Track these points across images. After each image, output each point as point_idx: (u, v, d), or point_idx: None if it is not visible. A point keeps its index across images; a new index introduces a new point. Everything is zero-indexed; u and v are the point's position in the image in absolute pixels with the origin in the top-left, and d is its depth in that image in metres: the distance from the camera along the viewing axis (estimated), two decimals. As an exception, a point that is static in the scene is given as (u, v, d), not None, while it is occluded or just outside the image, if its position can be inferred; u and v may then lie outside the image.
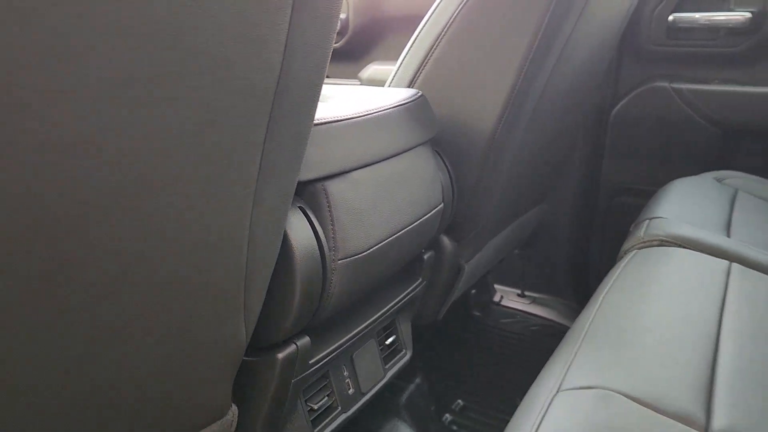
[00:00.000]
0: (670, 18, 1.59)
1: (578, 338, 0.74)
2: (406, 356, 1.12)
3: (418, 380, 1.33)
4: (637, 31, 1.62)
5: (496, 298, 1.85)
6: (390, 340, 1.08)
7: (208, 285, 0.57)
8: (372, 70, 2.14)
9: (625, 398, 0.61)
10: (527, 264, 1.84)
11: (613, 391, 0.62)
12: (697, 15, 1.58)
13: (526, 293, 1.86)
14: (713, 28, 1.56)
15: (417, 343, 1.17)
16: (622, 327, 0.75)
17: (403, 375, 1.27)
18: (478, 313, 1.76)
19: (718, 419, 0.59)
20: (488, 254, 1.33)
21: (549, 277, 1.83)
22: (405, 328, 1.13)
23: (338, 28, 0.88)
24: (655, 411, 0.59)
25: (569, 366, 0.69)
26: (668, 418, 0.59)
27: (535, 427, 0.59)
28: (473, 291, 1.75)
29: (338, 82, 2.18)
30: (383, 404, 1.24)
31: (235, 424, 0.75)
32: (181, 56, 0.43)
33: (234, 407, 0.74)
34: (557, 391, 0.64)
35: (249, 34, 0.47)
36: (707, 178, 1.38)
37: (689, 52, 1.61)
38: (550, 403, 0.62)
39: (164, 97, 0.43)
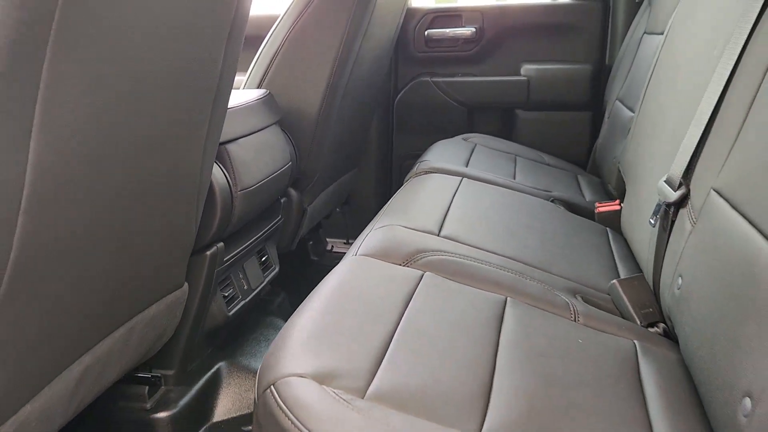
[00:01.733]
0: (427, 33, 2.30)
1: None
2: (275, 270, 1.65)
3: (282, 296, 1.87)
4: (406, 42, 2.32)
5: (328, 247, 2.43)
6: (264, 258, 1.61)
7: (179, 195, 1.06)
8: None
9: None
10: (348, 217, 2.44)
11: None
12: (446, 30, 2.31)
13: (350, 240, 2.46)
14: (454, 39, 2.30)
15: (281, 264, 1.70)
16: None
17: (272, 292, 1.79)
18: (315, 258, 2.32)
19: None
20: (322, 202, 1.90)
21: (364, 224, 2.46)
22: (272, 251, 1.67)
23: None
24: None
25: None
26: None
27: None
28: (311, 242, 2.30)
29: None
30: (263, 306, 1.75)
31: (186, 295, 1.23)
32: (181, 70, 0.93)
33: (186, 284, 1.23)
34: None
35: (208, 59, 0.98)
36: (457, 139, 2.09)
37: (442, 55, 2.34)
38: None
39: (174, 92, 0.93)
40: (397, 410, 0.66)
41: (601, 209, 1.52)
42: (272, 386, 0.67)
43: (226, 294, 1.41)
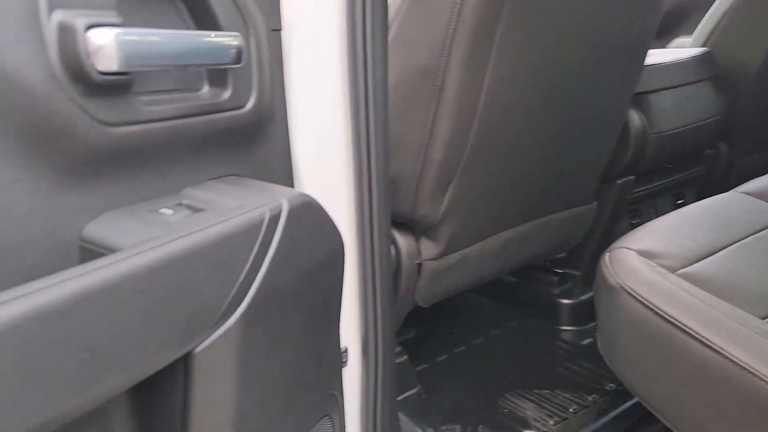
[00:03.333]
0: None
1: None
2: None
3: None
4: None
5: None
6: (679, 202, 1.80)
7: (594, 133, 1.39)
8: (677, 41, 2.76)
9: None
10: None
11: None
12: None
13: None
14: None
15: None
16: None
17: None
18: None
19: None
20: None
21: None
22: (690, 198, 1.84)
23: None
24: None
25: None
26: None
27: None
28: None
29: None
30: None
31: (593, 212, 1.56)
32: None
33: (595, 203, 1.56)
34: None
35: (633, 25, 1.26)
36: None
37: None
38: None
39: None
40: (700, 287, 0.89)
41: None
42: (607, 253, 0.98)
43: (634, 222, 1.69)
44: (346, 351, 1.02)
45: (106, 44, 0.45)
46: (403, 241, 1.20)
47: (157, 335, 0.44)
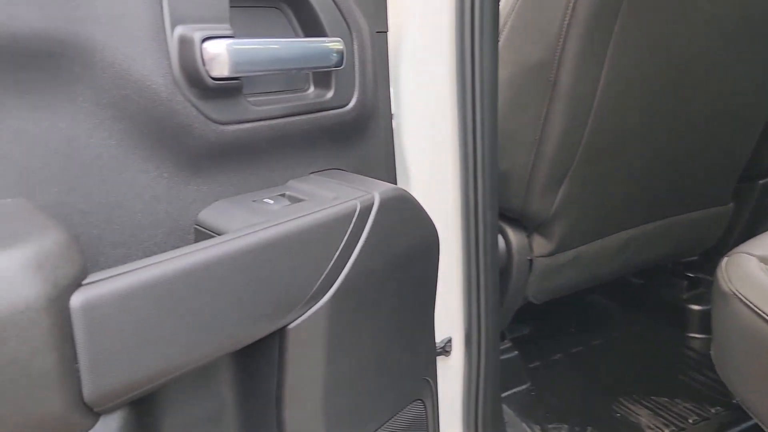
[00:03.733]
0: None
1: None
2: None
3: None
4: None
5: None
6: None
7: (732, 128, 1.29)
8: None
9: None
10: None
11: None
12: None
13: None
14: None
15: None
16: None
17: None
18: None
19: None
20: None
21: None
22: None
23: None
24: None
25: None
26: None
27: None
28: None
29: None
30: None
31: (729, 213, 1.45)
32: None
33: (731, 204, 1.45)
34: None
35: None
36: None
37: None
38: None
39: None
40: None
41: None
42: (726, 258, 0.92)
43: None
44: (450, 340, 1.05)
45: (219, 54, 0.52)
46: (514, 236, 1.21)
47: (254, 308, 0.50)
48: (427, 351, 0.75)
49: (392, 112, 0.93)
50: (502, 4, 1.09)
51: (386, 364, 0.67)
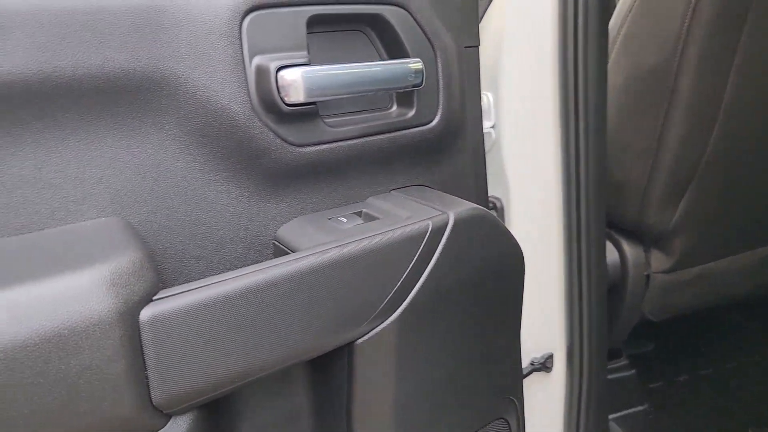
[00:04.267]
0: None
1: None
2: None
3: None
4: None
5: None
6: None
7: None
8: None
9: None
10: None
11: None
12: None
13: None
14: None
15: None
16: None
17: None
18: None
19: None
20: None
21: None
22: None
23: None
24: None
25: None
26: None
27: None
28: None
29: None
30: None
31: None
32: None
33: None
34: None
35: None
36: None
37: None
38: None
39: None
40: None
41: None
42: None
43: None
44: (551, 356, 1.02)
45: (294, 81, 0.55)
46: (630, 250, 1.14)
47: (319, 323, 0.52)
48: (511, 370, 0.74)
49: (492, 124, 0.92)
50: (617, 9, 1.03)
51: (463, 382, 0.66)
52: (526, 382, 1.02)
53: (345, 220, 0.61)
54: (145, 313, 0.44)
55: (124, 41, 0.50)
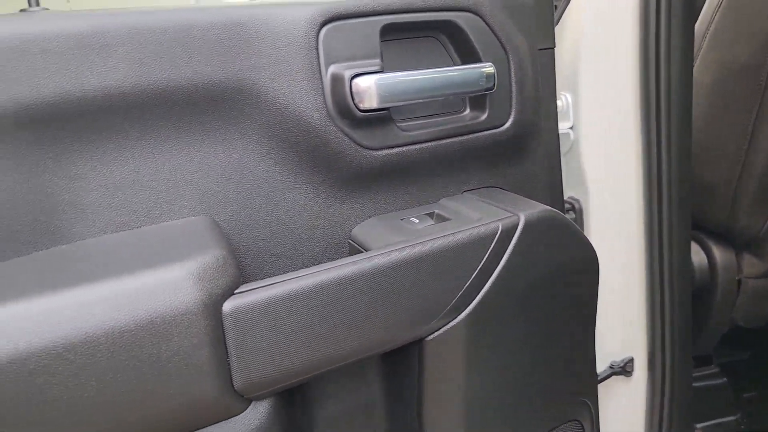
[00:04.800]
0: None
1: None
2: None
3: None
4: None
5: None
6: None
7: None
8: None
9: None
10: None
11: None
12: None
13: None
14: None
15: None
16: None
17: None
18: None
19: None
20: None
21: None
22: None
23: None
24: None
25: None
26: None
27: None
28: None
29: None
30: None
31: None
32: None
33: None
34: None
35: None
36: None
37: None
38: None
39: None
40: None
41: None
42: None
43: None
44: (631, 360, 1.00)
45: (368, 88, 0.57)
46: (719, 253, 1.10)
47: (393, 317, 0.55)
48: (586, 372, 0.74)
49: (570, 125, 0.91)
50: (704, 6, 0.99)
51: (535, 383, 0.67)
52: (605, 385, 1.01)
53: (417, 220, 0.63)
54: (228, 305, 0.48)
55: (211, 55, 0.54)
